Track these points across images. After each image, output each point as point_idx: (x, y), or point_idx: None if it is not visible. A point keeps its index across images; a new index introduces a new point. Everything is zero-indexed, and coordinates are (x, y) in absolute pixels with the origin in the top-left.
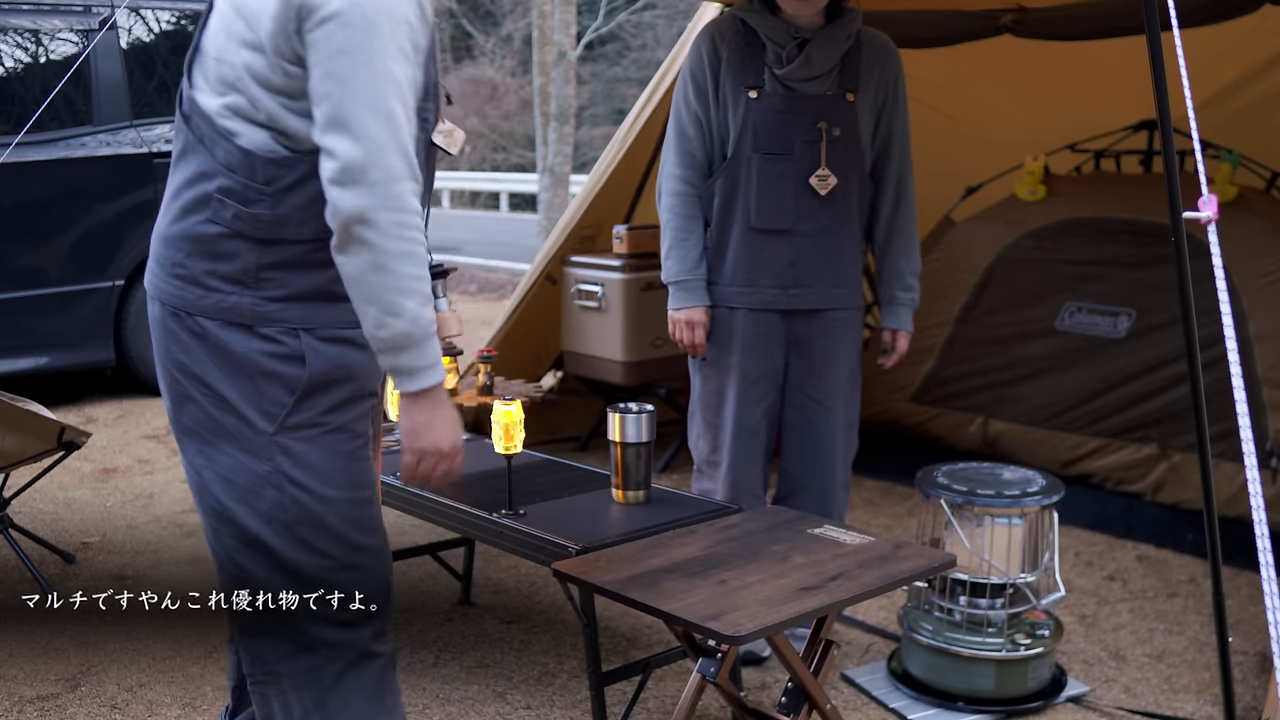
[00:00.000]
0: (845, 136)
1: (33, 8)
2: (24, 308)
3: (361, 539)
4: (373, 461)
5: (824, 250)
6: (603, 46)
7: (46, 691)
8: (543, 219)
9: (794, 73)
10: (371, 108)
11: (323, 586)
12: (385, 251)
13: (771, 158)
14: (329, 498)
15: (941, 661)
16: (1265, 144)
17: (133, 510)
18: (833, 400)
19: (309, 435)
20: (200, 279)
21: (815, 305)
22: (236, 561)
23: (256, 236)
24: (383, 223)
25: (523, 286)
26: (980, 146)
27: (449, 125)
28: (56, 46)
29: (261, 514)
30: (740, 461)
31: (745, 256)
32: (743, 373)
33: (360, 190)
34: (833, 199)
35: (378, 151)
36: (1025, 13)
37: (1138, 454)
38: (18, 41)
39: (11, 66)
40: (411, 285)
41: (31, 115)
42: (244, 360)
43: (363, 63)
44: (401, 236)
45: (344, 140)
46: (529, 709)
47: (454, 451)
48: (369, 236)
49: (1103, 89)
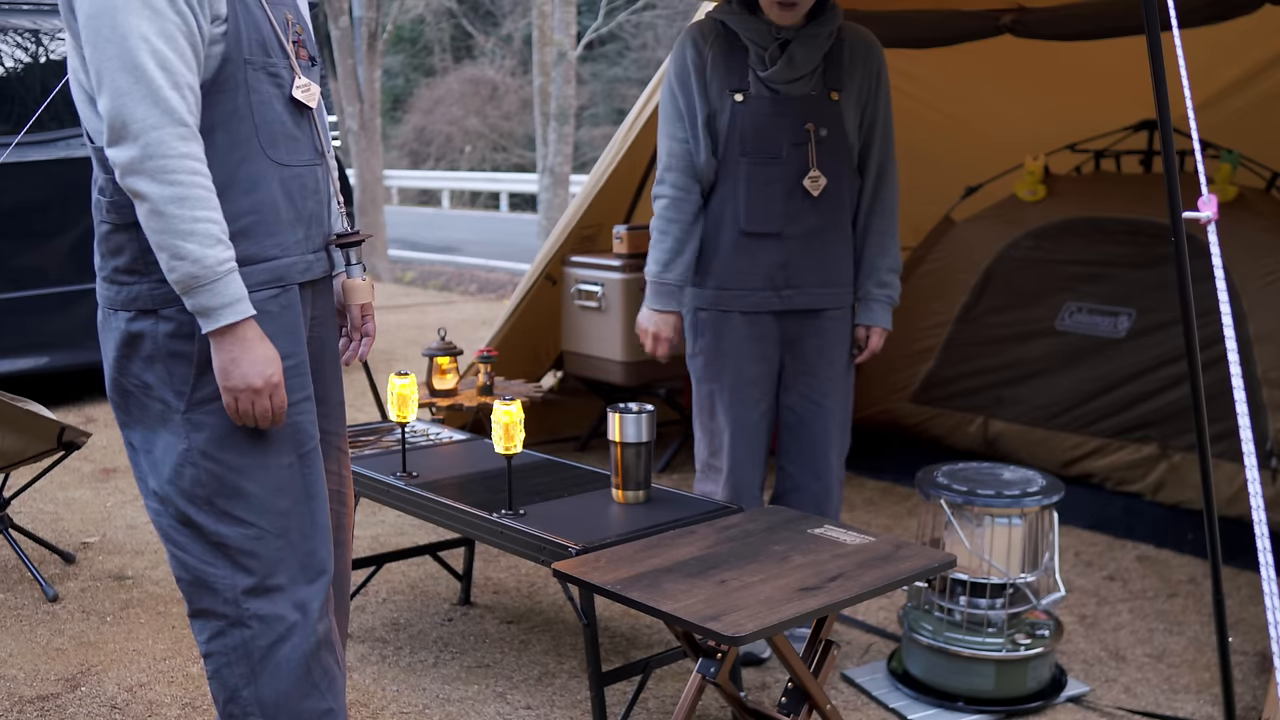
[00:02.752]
0: (833, 136)
1: (33, 8)
2: (24, 308)
3: (284, 503)
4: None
5: (815, 251)
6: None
7: (46, 691)
8: (543, 219)
9: (778, 74)
10: (119, 63)
11: (249, 557)
12: (157, 198)
13: (760, 161)
14: (243, 466)
15: (941, 661)
16: (1265, 144)
17: (133, 510)
18: (827, 399)
19: (215, 408)
20: (112, 277)
21: (807, 306)
22: (175, 540)
23: (127, 223)
24: (148, 170)
25: (523, 286)
26: (980, 146)
27: (306, 81)
28: (56, 46)
29: (184, 492)
30: (740, 463)
31: (737, 260)
32: (738, 375)
33: (124, 145)
34: (823, 199)
35: (130, 105)
36: (1025, 13)
37: (1138, 454)
38: (18, 41)
39: (11, 66)
40: (189, 228)
41: (31, 115)
42: (155, 345)
43: (106, 24)
44: (169, 181)
45: (102, 100)
46: (529, 709)
47: (267, 387)
48: (139, 187)
49: (1103, 89)
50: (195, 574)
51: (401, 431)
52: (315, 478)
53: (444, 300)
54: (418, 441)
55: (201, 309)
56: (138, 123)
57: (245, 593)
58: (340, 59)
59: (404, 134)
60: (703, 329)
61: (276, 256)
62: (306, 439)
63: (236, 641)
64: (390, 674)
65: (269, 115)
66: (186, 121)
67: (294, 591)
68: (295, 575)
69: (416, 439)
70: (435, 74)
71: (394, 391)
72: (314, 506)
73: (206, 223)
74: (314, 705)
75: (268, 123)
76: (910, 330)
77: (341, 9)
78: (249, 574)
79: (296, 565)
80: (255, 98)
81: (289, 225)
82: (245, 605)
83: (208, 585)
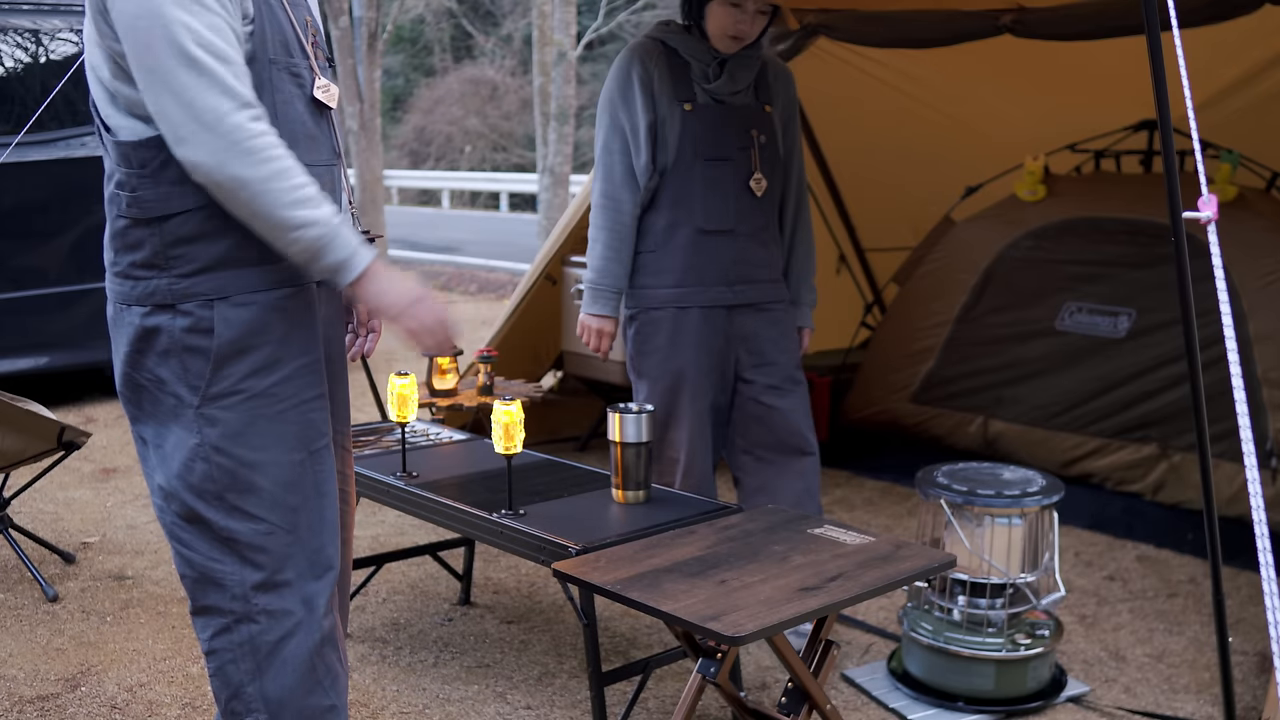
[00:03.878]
0: (769, 143)
1: (33, 8)
2: (24, 308)
3: (295, 499)
4: (312, 423)
5: (760, 247)
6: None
7: (46, 691)
8: (543, 219)
9: (722, 86)
10: (175, 62)
11: (258, 552)
12: (255, 179)
13: (713, 163)
14: (257, 461)
15: (941, 661)
16: (1265, 144)
17: (133, 510)
18: (788, 383)
19: (231, 403)
20: (128, 272)
21: (756, 299)
22: (180, 537)
23: (149, 218)
24: (238, 155)
25: (523, 286)
26: (980, 146)
27: (325, 81)
28: (56, 46)
29: (193, 487)
30: (697, 452)
31: (694, 257)
32: (695, 368)
33: (201, 140)
34: (764, 200)
35: (199, 98)
36: (1025, 13)
37: (1138, 454)
38: (18, 41)
39: (11, 66)
40: (297, 195)
41: (31, 115)
42: (171, 340)
43: (155, 24)
44: (262, 160)
45: (163, 100)
46: (529, 709)
47: (421, 298)
48: (234, 173)
49: (1103, 89)
50: (201, 570)
51: (401, 431)
52: (326, 474)
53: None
54: (418, 441)
55: (335, 266)
56: (211, 113)
57: (254, 588)
58: (340, 59)
59: (404, 134)
60: (657, 327)
61: None
62: (318, 435)
63: (243, 637)
64: (390, 674)
65: (291, 115)
66: (254, 103)
67: (301, 587)
68: (303, 571)
69: (416, 439)
70: (435, 74)
71: (394, 391)
72: (324, 503)
73: (307, 186)
74: (317, 701)
75: (290, 122)
76: (910, 330)
77: (341, 9)
78: (258, 569)
79: (304, 561)
80: (279, 97)
81: None
82: (254, 600)
83: (214, 581)
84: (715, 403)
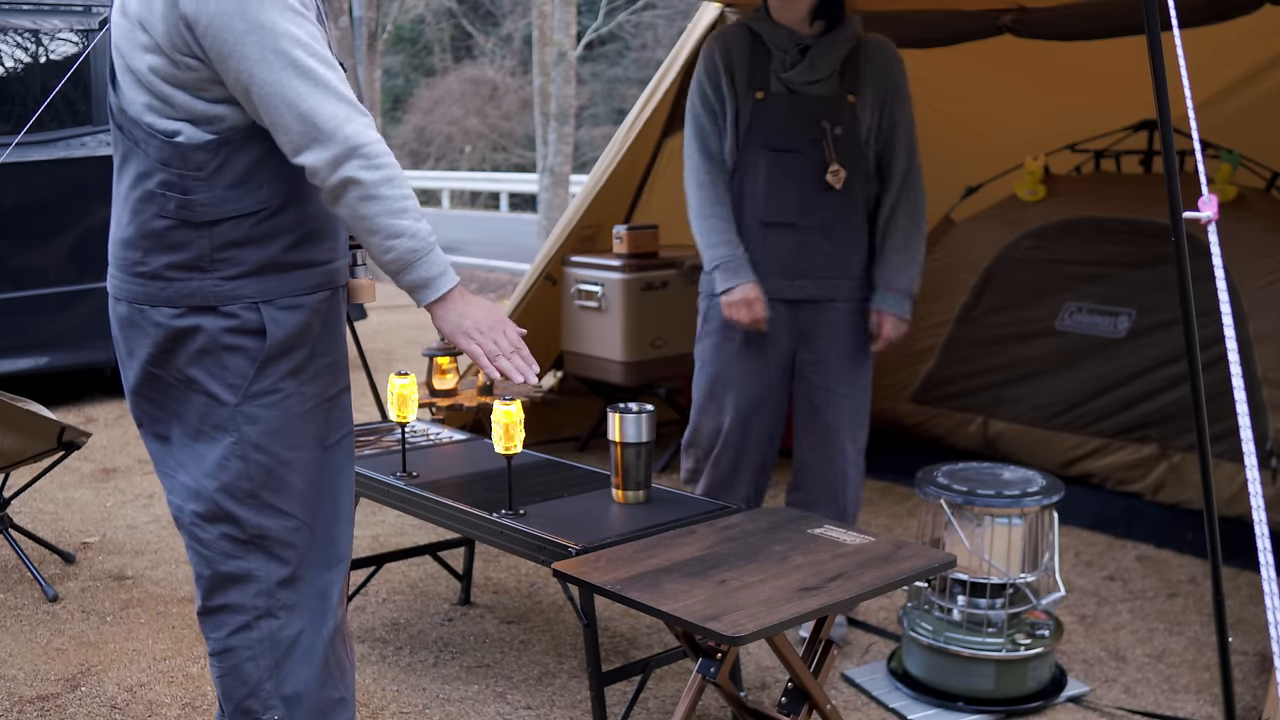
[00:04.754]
0: (847, 134)
1: (33, 8)
2: (24, 308)
3: (315, 495)
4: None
5: (828, 242)
6: (603, 46)
7: (46, 691)
8: (543, 219)
9: (798, 75)
10: (289, 72)
11: (286, 548)
12: (370, 183)
13: (779, 154)
14: (291, 459)
15: (941, 661)
16: (1265, 144)
17: (133, 510)
18: (841, 386)
19: (271, 401)
20: (160, 273)
21: (818, 296)
22: (200, 538)
23: (201, 221)
24: (358, 159)
25: (523, 286)
26: (980, 146)
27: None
28: (56, 46)
29: (225, 486)
30: (729, 445)
31: (755, 249)
32: (741, 360)
33: (322, 144)
34: (844, 193)
35: (317, 105)
36: (1025, 13)
37: (1138, 454)
38: (18, 41)
39: (11, 66)
40: (403, 205)
41: (31, 115)
42: (209, 339)
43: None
44: (377, 165)
45: (281, 110)
46: (529, 709)
47: (499, 323)
48: (352, 175)
49: (1103, 89)
50: (221, 570)
51: (401, 431)
52: (345, 467)
53: None
54: (418, 441)
55: (420, 281)
56: (330, 120)
57: (279, 584)
58: (340, 59)
59: (404, 134)
60: (715, 313)
61: (330, 260)
62: (339, 428)
63: (264, 634)
64: (390, 674)
65: None
66: (365, 110)
67: (316, 579)
68: (319, 563)
69: (416, 439)
70: (435, 74)
71: (394, 391)
72: (341, 495)
73: (412, 199)
74: (329, 694)
75: None
76: (910, 330)
77: (341, 9)
78: (284, 564)
79: (320, 553)
80: None
81: (338, 231)
82: (277, 596)
83: (236, 579)
84: (766, 396)
